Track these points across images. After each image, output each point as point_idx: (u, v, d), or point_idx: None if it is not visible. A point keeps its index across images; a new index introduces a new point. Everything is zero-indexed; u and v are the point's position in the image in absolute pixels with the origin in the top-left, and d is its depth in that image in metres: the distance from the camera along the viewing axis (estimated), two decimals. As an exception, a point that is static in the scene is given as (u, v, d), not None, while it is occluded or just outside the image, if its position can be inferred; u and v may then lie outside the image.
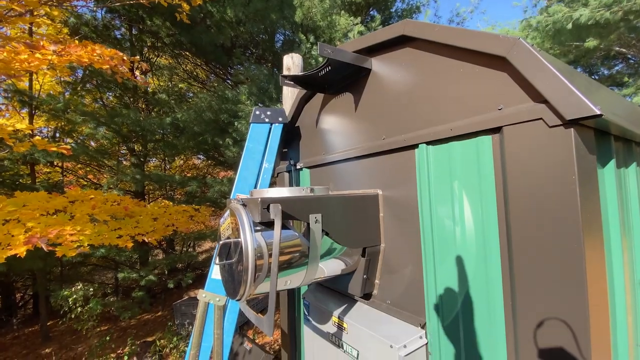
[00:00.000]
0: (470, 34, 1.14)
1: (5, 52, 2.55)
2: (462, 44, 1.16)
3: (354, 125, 1.82)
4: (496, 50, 1.06)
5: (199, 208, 6.15)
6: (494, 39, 1.06)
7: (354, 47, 1.68)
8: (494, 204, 1.14)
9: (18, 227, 3.51)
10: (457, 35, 1.18)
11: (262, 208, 1.19)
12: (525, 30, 10.91)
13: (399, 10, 9.70)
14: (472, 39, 1.12)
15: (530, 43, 1.01)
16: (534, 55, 0.96)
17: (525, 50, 0.98)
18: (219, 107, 6.25)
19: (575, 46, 9.91)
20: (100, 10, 7.58)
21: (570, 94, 0.89)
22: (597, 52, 10.43)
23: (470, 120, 1.18)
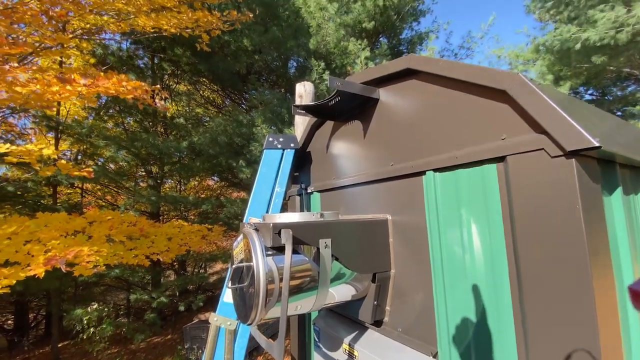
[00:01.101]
0: (471, 69, 1.20)
1: (38, 84, 2.77)
2: (464, 77, 1.22)
3: (362, 152, 1.88)
4: (497, 85, 1.11)
5: (211, 228, 6.24)
6: (495, 74, 1.12)
7: (362, 79, 1.77)
8: (501, 232, 1.16)
9: (38, 248, 3.64)
10: (459, 70, 1.25)
11: (273, 233, 1.23)
12: (534, 53, 11.03)
13: (408, 37, 10.00)
14: (474, 73, 1.19)
15: (529, 77, 1.06)
16: (532, 90, 1.01)
17: (524, 84, 1.04)
18: (234, 131, 6.48)
19: (586, 68, 9.93)
20: (125, 42, 8.11)
21: (569, 126, 0.93)
22: (607, 73, 10.40)
23: (475, 149, 1.22)
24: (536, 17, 10.68)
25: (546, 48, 9.83)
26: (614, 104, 11.80)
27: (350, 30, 7.33)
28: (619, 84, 11.47)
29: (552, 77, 10.17)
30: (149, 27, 4.45)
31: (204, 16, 4.47)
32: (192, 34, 4.70)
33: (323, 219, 1.44)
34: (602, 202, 1.03)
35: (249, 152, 6.28)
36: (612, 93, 12.12)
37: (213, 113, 10.33)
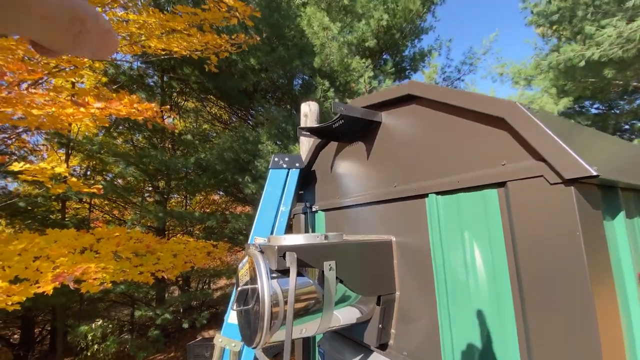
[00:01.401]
0: (470, 96, 1.24)
1: (54, 106, 2.89)
2: (463, 104, 1.26)
3: (366, 172, 1.91)
4: (495, 112, 1.15)
5: (216, 244, 6.25)
6: (493, 101, 1.16)
7: (365, 103, 1.82)
8: (504, 256, 1.17)
9: (47, 264, 3.69)
10: (458, 97, 1.29)
11: (278, 256, 1.26)
12: (537, 69, 11.10)
13: (411, 54, 10.17)
14: (472, 101, 1.22)
15: (526, 105, 1.09)
16: (529, 118, 1.04)
17: (522, 113, 1.07)
18: (240, 147, 6.58)
19: (591, 82, 9.95)
20: (136, 61, 8.40)
21: (567, 154, 0.95)
22: (614, 87, 10.39)
23: (475, 174, 1.25)
24: (539, 32, 10.81)
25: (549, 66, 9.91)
26: (621, 118, 11.74)
27: (354, 48, 7.50)
28: (627, 97, 11.44)
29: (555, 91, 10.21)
30: (160, 50, 4.62)
31: (213, 39, 4.64)
32: (201, 55, 4.86)
33: (327, 240, 1.46)
34: (603, 228, 1.04)
35: (254, 168, 6.36)
36: (619, 106, 12.07)
37: (220, 129, 10.52)
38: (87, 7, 0.21)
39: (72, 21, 0.20)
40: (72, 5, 0.20)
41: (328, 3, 6.91)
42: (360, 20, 7.53)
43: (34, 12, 0.18)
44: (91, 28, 0.21)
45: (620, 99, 11.78)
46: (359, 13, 7.41)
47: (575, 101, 10.28)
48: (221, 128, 10.51)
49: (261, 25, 7.05)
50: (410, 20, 8.51)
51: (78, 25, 0.20)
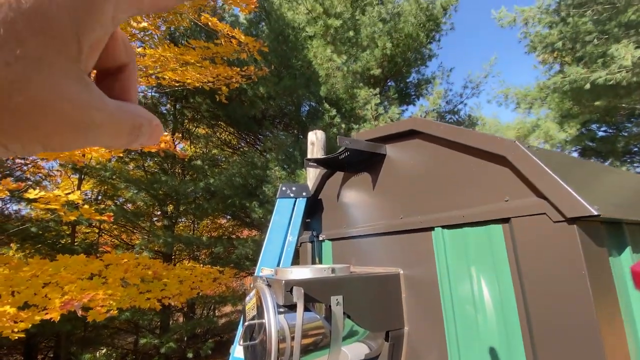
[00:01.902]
0: (470, 135, 1.29)
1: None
2: (464, 142, 1.30)
3: (372, 203, 1.94)
4: (496, 151, 1.19)
5: (222, 270, 6.22)
6: (493, 140, 1.20)
7: (370, 136, 1.88)
8: (511, 292, 1.16)
9: (56, 291, 3.72)
10: (459, 135, 1.33)
11: (285, 291, 1.27)
12: (541, 92, 11.23)
13: (415, 80, 10.44)
14: (473, 140, 1.27)
15: (526, 144, 1.13)
16: (529, 157, 1.08)
17: (521, 152, 1.10)
18: (248, 172, 6.70)
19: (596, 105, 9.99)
20: (150, 90, 8.79)
21: (567, 194, 0.98)
22: (620, 110, 10.40)
23: (480, 209, 1.27)
24: (540, 59, 11.02)
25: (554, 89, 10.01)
26: (630, 140, 11.66)
27: (359, 76, 7.76)
28: (634, 120, 11.41)
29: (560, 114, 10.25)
30: (174, 82, 4.86)
31: (224, 71, 4.87)
32: (213, 87, 5.09)
33: (334, 274, 1.47)
34: (609, 266, 1.04)
35: (262, 193, 6.43)
36: (628, 129, 12.01)
37: (228, 154, 10.74)
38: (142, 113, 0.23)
39: (132, 130, 0.22)
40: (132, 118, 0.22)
41: (333, 36, 7.24)
42: (364, 50, 7.83)
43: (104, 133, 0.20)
44: (145, 130, 0.24)
45: (628, 121, 11.76)
46: (364, 44, 7.72)
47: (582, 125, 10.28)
48: (230, 153, 10.74)
49: (270, 57, 7.38)
50: (413, 49, 8.81)
51: (136, 131, 0.23)
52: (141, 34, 5.76)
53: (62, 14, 0.16)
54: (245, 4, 5.00)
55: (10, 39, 0.15)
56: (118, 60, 0.23)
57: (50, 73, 0.17)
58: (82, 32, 0.17)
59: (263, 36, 7.60)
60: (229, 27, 4.87)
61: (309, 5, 7.26)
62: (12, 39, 0.15)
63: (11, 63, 0.15)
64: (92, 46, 0.19)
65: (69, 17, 0.17)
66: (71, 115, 0.18)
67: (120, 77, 0.24)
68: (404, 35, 8.23)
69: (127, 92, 0.24)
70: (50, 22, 0.16)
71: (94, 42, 0.19)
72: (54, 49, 0.16)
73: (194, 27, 7.24)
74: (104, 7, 0.18)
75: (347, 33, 7.48)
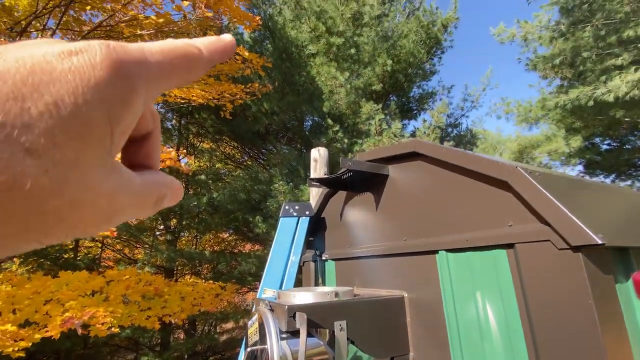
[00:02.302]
0: (472, 159, 1.30)
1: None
2: (466, 166, 1.31)
3: (375, 223, 1.93)
4: (498, 175, 1.19)
5: (225, 286, 6.16)
6: (495, 165, 1.21)
7: (372, 157, 1.90)
8: (518, 319, 1.14)
9: (57, 308, 3.69)
10: (461, 159, 1.34)
11: (288, 316, 1.26)
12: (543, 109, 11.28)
13: (417, 95, 10.54)
14: (474, 164, 1.28)
15: (528, 170, 1.13)
16: (531, 183, 1.08)
17: (523, 178, 1.11)
18: (252, 187, 6.72)
19: (599, 120, 10.00)
20: (156, 107, 8.95)
21: (571, 221, 0.97)
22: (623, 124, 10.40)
23: (483, 233, 1.26)
24: (541, 74, 11.11)
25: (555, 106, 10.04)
26: (635, 154, 11.60)
27: (361, 92, 7.87)
28: (637, 133, 11.39)
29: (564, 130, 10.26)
30: (179, 99, 4.95)
31: (229, 88, 4.97)
32: (218, 103, 5.18)
33: (338, 298, 1.46)
34: (616, 293, 1.02)
35: (265, 208, 6.43)
36: (631, 142, 11.98)
37: (232, 168, 10.81)
38: (165, 182, 0.23)
39: (156, 203, 0.22)
40: (156, 190, 0.22)
41: (336, 54, 7.39)
42: (366, 67, 7.97)
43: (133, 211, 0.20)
44: (169, 197, 0.24)
45: (631, 134, 11.73)
46: (365, 61, 7.86)
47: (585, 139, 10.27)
48: (233, 167, 10.81)
49: (274, 74, 7.52)
50: (414, 66, 8.95)
51: (160, 202, 0.23)
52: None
53: (98, 115, 0.17)
54: (249, 22, 5.15)
55: (49, 146, 0.15)
56: (144, 129, 0.23)
57: (85, 171, 0.17)
58: (115, 125, 0.18)
59: (267, 54, 7.77)
60: (234, 45, 5.00)
61: (312, 24, 7.44)
62: (51, 146, 0.15)
63: (49, 170, 0.15)
64: (123, 132, 0.19)
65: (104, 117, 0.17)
66: (104, 207, 0.18)
67: (145, 143, 0.24)
68: (404, 52, 8.37)
69: (151, 158, 0.25)
70: (87, 125, 0.16)
71: (125, 129, 0.19)
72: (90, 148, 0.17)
73: (200, 45, 7.42)
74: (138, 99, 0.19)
75: (348, 50, 7.63)
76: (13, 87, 0.14)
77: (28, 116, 0.14)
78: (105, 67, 0.17)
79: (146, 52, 0.19)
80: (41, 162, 0.15)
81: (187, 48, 0.22)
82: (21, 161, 0.14)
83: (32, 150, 0.15)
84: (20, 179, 0.14)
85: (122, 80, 0.17)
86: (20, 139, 0.14)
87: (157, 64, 0.20)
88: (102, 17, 4.71)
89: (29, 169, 0.15)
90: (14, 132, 0.14)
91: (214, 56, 0.24)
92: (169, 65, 0.21)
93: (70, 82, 0.16)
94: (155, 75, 0.20)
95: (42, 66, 0.15)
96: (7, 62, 0.15)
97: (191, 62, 0.22)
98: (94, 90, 0.16)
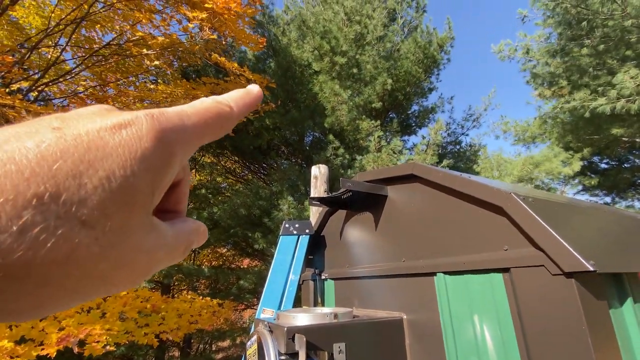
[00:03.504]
0: (467, 184, 1.34)
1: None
2: (462, 190, 1.35)
3: (375, 243, 1.96)
4: (493, 201, 1.23)
5: (222, 303, 6.07)
6: (490, 191, 1.25)
7: (372, 177, 1.94)
8: (514, 343, 1.16)
9: (53, 325, 3.65)
10: (457, 183, 1.39)
11: (287, 338, 1.27)
12: (541, 127, 11.43)
13: (416, 112, 10.71)
14: (470, 189, 1.32)
15: (522, 195, 1.17)
16: (525, 210, 1.12)
17: (517, 204, 1.15)
18: (253, 203, 6.75)
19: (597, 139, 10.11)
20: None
21: (563, 248, 1.00)
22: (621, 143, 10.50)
23: (480, 257, 1.29)
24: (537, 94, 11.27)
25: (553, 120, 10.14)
26: (634, 173, 11.67)
27: (361, 109, 8.01)
28: (636, 152, 11.48)
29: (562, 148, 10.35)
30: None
31: (232, 106, 5.06)
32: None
33: (337, 320, 1.47)
34: (610, 319, 1.04)
35: (265, 224, 6.44)
36: (630, 161, 12.06)
37: (232, 182, 10.86)
38: (194, 229, 0.24)
39: (185, 250, 0.23)
40: (186, 240, 0.23)
41: (339, 72, 7.57)
42: (367, 85, 8.15)
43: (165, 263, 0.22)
44: (196, 242, 0.25)
45: (630, 153, 11.83)
46: (367, 80, 8.04)
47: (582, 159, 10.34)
48: (233, 180, 10.86)
49: (277, 91, 7.68)
50: (413, 84, 9.14)
51: (189, 248, 0.24)
52: (155, 70, 6.08)
53: (143, 184, 0.18)
54: (253, 43, 5.31)
55: (101, 217, 0.16)
56: (176, 180, 0.24)
57: (130, 234, 0.18)
58: (156, 189, 0.19)
59: (270, 72, 7.96)
60: (237, 65, 5.14)
61: (316, 43, 7.66)
62: (103, 217, 0.16)
63: (100, 238, 0.16)
64: (162, 192, 0.20)
65: (149, 184, 0.18)
66: (143, 264, 0.19)
67: (176, 190, 0.25)
68: (403, 71, 8.58)
69: (181, 204, 0.26)
70: (133, 194, 0.17)
71: (163, 189, 0.20)
72: (135, 213, 0.18)
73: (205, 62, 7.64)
74: (177, 161, 0.20)
75: (351, 70, 7.82)
76: (72, 165, 0.15)
77: (84, 191, 0.15)
78: (151, 139, 0.18)
79: (184, 117, 0.21)
80: (94, 232, 0.16)
81: (220, 107, 0.24)
82: (77, 233, 0.15)
83: (87, 222, 0.16)
84: (77, 249, 0.15)
85: (164, 149, 0.19)
86: (77, 213, 0.15)
87: (193, 126, 0.21)
88: (113, 34, 4.87)
89: (84, 239, 0.16)
90: (72, 208, 0.15)
91: (244, 110, 0.26)
92: (203, 126, 0.22)
93: (121, 156, 0.17)
94: (191, 137, 0.21)
95: (96, 143, 0.17)
96: (67, 141, 0.16)
97: (224, 120, 0.24)
98: (141, 161, 0.18)
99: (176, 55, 5.39)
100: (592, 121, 8.98)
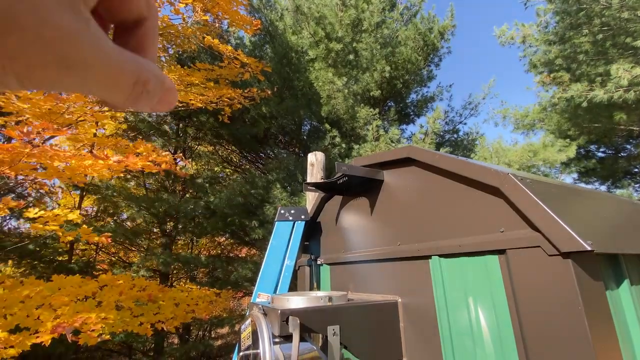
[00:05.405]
0: (464, 165, 1.31)
1: (74, 159, 3.07)
2: (458, 172, 1.32)
3: (370, 227, 1.94)
4: (490, 182, 1.20)
5: (219, 292, 6.10)
6: (487, 171, 1.22)
7: (368, 162, 1.91)
8: (509, 325, 1.15)
9: (48, 313, 3.64)
10: (453, 164, 1.36)
11: (281, 321, 1.25)
12: (541, 113, 11.38)
13: (415, 101, 10.61)
14: (466, 170, 1.29)
15: (519, 176, 1.14)
16: (522, 190, 1.09)
17: (514, 184, 1.12)
18: (249, 192, 6.72)
19: (595, 127, 10.09)
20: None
21: (560, 228, 0.98)
22: (618, 132, 10.50)
23: (476, 239, 1.27)
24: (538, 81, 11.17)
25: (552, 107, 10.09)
26: (630, 162, 11.71)
27: (359, 97, 7.91)
28: (633, 141, 11.50)
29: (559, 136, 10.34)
30: (177, 102, 4.96)
31: (228, 93, 4.98)
32: (216, 107, 5.19)
33: (331, 303, 1.45)
34: (606, 300, 1.03)
35: (262, 213, 6.42)
36: (627, 150, 12.09)
37: (230, 171, 10.80)
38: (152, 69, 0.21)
39: (135, 84, 0.20)
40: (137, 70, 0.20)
41: (334, 59, 7.45)
42: (364, 73, 8.03)
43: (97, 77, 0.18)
44: (154, 89, 0.21)
45: (627, 142, 11.85)
46: (364, 67, 7.92)
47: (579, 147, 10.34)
48: (231, 170, 10.80)
49: (273, 78, 7.56)
50: (412, 72, 9.03)
51: (140, 87, 0.20)
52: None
53: None
54: (248, 25, 5.18)
55: None
56: (135, 11, 0.21)
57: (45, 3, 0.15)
58: None
59: (267, 58, 7.82)
60: (231, 48, 5.02)
61: (311, 29, 7.50)
62: None
63: None
64: None
65: None
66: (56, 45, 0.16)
67: (137, 32, 0.22)
68: (402, 59, 8.45)
69: (143, 49, 0.22)
70: None
71: None
72: None
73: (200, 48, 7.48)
74: None
75: (347, 56, 7.69)
76: None
77: None
78: None
79: None
80: None
81: None
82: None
83: None
84: None
85: None
86: None
87: None
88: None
89: None
90: None
91: None
92: None
93: None
94: None
95: None
96: None
97: None
98: None
99: (170, 41, 5.26)
100: (589, 110, 8.94)
